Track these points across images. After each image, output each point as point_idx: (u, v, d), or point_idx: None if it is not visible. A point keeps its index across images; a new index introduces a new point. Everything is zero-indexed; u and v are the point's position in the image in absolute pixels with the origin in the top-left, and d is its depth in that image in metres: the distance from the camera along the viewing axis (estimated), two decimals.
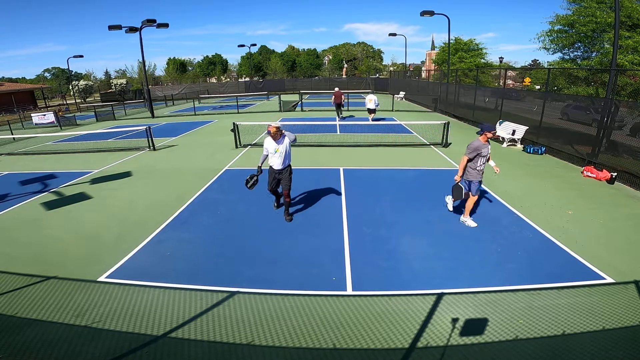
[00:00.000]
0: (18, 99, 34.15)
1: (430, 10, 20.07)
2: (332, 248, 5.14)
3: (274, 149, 5.64)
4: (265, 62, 63.53)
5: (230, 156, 11.04)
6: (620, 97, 9.85)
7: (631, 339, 3.30)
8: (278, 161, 5.71)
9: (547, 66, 14.22)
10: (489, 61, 28.06)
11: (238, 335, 3.48)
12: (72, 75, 54.65)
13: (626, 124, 8.57)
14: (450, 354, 3.20)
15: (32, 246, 5.53)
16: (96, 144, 14.37)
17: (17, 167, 10.97)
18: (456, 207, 6.18)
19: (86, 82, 57.59)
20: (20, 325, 3.69)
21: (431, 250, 5.05)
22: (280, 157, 5.67)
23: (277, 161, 5.71)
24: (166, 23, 22.37)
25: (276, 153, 5.65)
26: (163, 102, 34.62)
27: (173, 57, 62.22)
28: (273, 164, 5.77)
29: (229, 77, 68.09)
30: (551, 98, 11.30)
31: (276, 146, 5.64)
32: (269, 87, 44.34)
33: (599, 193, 7.26)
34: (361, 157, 10.54)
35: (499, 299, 3.94)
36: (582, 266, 4.56)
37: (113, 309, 3.92)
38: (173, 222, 6.24)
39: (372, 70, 65.58)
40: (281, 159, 5.69)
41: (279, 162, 5.72)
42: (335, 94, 18.30)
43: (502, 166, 9.29)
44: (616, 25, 8.57)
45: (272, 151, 5.65)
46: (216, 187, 8.10)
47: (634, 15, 10.58)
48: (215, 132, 16.09)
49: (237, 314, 3.79)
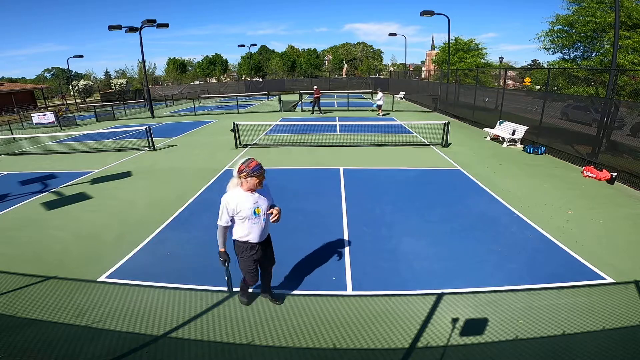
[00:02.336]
0: (18, 99, 34.16)
1: (430, 11, 20.08)
2: (332, 248, 5.14)
3: (252, 208, 3.20)
4: (265, 62, 63.54)
5: (230, 156, 11.04)
6: (620, 97, 9.85)
7: (631, 339, 3.30)
8: (257, 229, 3.31)
9: (547, 66, 14.22)
10: (489, 61, 28.08)
11: (238, 335, 3.48)
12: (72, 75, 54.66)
13: (626, 124, 8.57)
14: (450, 354, 3.20)
15: (32, 246, 5.53)
16: (96, 144, 14.37)
17: (17, 167, 10.96)
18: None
19: (86, 82, 57.58)
20: (20, 325, 3.69)
21: (431, 250, 5.05)
22: (262, 221, 3.32)
23: (256, 230, 3.30)
24: (166, 23, 22.37)
25: (256, 216, 3.25)
26: (163, 102, 34.63)
27: (173, 57, 62.33)
28: (251, 235, 3.31)
29: (229, 77, 68.07)
30: (551, 98, 11.30)
31: (257, 202, 3.23)
32: (269, 87, 44.35)
33: (599, 193, 7.26)
34: (361, 157, 10.54)
35: (499, 299, 3.94)
36: (582, 266, 4.56)
37: (113, 309, 3.92)
38: (173, 222, 6.24)
39: (372, 70, 65.58)
40: (263, 224, 3.34)
41: (260, 230, 3.32)
42: (316, 90, 21.32)
43: (502, 166, 9.31)
44: (616, 25, 8.56)
45: (250, 213, 3.21)
46: (216, 187, 8.09)
47: (634, 15, 10.57)
48: (216, 132, 16.09)
49: (237, 314, 3.79)
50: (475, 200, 6.94)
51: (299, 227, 5.89)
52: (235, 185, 3.21)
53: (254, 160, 3.09)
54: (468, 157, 10.34)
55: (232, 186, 3.23)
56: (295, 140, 13.02)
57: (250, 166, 3.06)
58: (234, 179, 3.20)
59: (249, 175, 3.07)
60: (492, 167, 9.25)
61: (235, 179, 3.19)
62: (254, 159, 3.12)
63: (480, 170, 8.89)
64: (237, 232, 3.32)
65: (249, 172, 3.05)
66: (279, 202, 3.19)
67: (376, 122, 16.31)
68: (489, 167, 9.26)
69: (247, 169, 3.05)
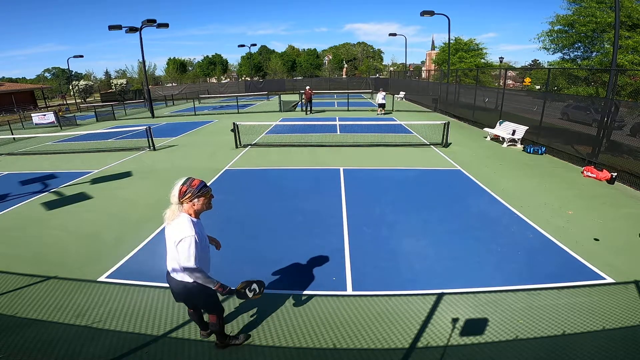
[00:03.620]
0: (18, 99, 34.19)
1: (431, 11, 20.08)
2: (332, 248, 5.14)
3: (206, 237, 2.92)
4: (266, 62, 63.58)
5: (230, 156, 11.04)
6: (620, 97, 9.85)
7: (631, 339, 3.30)
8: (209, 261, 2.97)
9: (547, 66, 14.22)
10: (489, 61, 28.07)
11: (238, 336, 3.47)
12: (72, 75, 54.66)
13: (626, 124, 8.57)
14: (450, 354, 3.20)
15: (32, 246, 5.53)
16: (96, 144, 14.37)
17: (17, 167, 10.97)
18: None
19: (86, 82, 57.64)
20: (20, 325, 3.69)
21: (431, 250, 5.05)
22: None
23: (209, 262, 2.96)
24: (166, 23, 22.36)
25: (208, 245, 3.00)
26: (163, 102, 34.63)
27: (173, 57, 62.37)
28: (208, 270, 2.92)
29: (229, 77, 68.10)
30: (551, 98, 11.30)
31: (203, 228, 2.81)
32: (269, 87, 44.36)
33: (599, 193, 7.26)
34: (361, 157, 10.54)
35: (499, 299, 3.94)
36: (582, 266, 4.56)
37: (113, 309, 3.92)
38: None
39: (372, 71, 65.60)
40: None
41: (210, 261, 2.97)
42: (306, 91, 21.21)
43: (503, 166, 9.31)
44: (616, 25, 8.56)
45: (207, 243, 2.95)
46: (216, 187, 8.08)
47: (634, 15, 10.58)
48: (216, 132, 16.09)
49: (236, 314, 3.79)
50: (476, 200, 6.94)
51: (299, 227, 5.89)
52: (174, 213, 2.61)
53: (195, 179, 2.67)
54: (468, 157, 10.34)
55: (174, 216, 2.61)
56: (295, 140, 13.02)
57: (193, 185, 2.62)
58: (172, 207, 2.61)
59: (196, 196, 2.61)
60: (492, 167, 9.25)
61: (174, 206, 2.61)
62: (194, 177, 2.69)
63: (480, 170, 8.89)
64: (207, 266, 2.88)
65: (195, 191, 2.60)
66: (279, 201, 3.19)
67: (376, 122, 16.32)
68: (489, 167, 9.26)
69: (190, 188, 2.60)
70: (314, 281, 4.35)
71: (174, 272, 2.77)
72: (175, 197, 2.59)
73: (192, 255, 2.55)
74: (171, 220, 2.63)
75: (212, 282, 2.75)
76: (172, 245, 2.65)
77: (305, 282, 4.32)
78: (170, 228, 2.65)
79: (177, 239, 2.56)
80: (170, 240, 2.66)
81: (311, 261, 4.80)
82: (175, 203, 2.61)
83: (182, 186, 2.61)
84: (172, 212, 2.62)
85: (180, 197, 2.60)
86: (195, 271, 2.63)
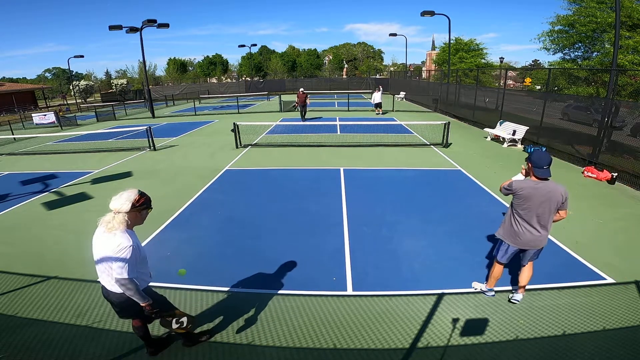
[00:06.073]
0: (19, 99, 34.22)
1: (431, 11, 20.09)
2: (332, 248, 5.14)
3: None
4: (266, 62, 63.59)
5: (230, 156, 11.05)
6: (621, 97, 9.84)
7: (631, 339, 3.30)
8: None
9: (548, 66, 14.22)
10: (490, 61, 28.08)
11: (238, 336, 3.48)
12: (73, 75, 54.69)
13: (627, 124, 8.56)
14: (451, 354, 3.20)
15: (32, 246, 5.54)
16: (97, 144, 14.38)
17: (17, 167, 10.98)
18: None
19: (87, 82, 57.68)
20: (20, 325, 3.69)
21: (432, 250, 5.05)
22: None
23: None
24: (167, 23, 22.40)
25: None
26: (163, 102, 34.65)
27: (174, 57, 62.39)
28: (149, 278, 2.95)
29: (230, 77, 68.13)
30: (552, 98, 11.29)
31: None
32: (270, 87, 44.37)
33: (600, 193, 7.25)
34: (361, 157, 10.54)
35: (499, 299, 3.94)
36: (582, 266, 4.56)
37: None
38: (173, 222, 6.24)
39: (373, 71, 65.60)
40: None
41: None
42: (299, 95, 17.76)
43: (503, 166, 9.31)
44: (617, 25, 8.56)
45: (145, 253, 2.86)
46: (216, 187, 8.10)
47: (634, 15, 10.58)
48: (216, 132, 16.10)
49: (237, 314, 3.79)
50: (476, 201, 6.94)
51: (299, 227, 5.89)
52: (121, 222, 2.50)
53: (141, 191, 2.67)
54: (468, 157, 10.34)
55: (119, 225, 2.49)
56: (295, 140, 13.03)
57: (145, 197, 2.63)
58: (118, 216, 2.51)
59: (146, 207, 2.65)
60: (493, 167, 9.25)
61: (120, 215, 2.51)
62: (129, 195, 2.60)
63: (480, 171, 8.89)
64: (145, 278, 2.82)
65: (148, 203, 2.66)
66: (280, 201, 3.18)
67: (376, 122, 16.32)
68: (490, 167, 9.26)
69: (144, 199, 2.62)
70: (314, 281, 4.35)
71: (113, 286, 2.62)
72: (127, 205, 2.51)
73: (127, 266, 2.46)
74: (113, 229, 2.48)
75: (144, 297, 2.62)
76: (106, 254, 2.49)
77: (305, 282, 4.32)
78: (105, 237, 2.50)
79: (117, 249, 2.44)
80: (106, 249, 2.49)
81: (311, 261, 4.81)
82: (124, 211, 2.51)
83: (136, 196, 2.57)
84: (117, 221, 2.49)
85: (136, 205, 2.55)
86: (126, 284, 2.50)
